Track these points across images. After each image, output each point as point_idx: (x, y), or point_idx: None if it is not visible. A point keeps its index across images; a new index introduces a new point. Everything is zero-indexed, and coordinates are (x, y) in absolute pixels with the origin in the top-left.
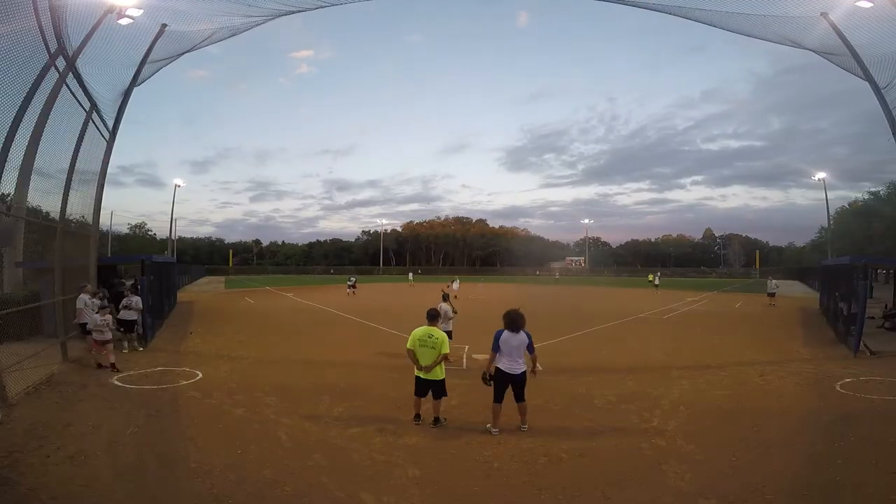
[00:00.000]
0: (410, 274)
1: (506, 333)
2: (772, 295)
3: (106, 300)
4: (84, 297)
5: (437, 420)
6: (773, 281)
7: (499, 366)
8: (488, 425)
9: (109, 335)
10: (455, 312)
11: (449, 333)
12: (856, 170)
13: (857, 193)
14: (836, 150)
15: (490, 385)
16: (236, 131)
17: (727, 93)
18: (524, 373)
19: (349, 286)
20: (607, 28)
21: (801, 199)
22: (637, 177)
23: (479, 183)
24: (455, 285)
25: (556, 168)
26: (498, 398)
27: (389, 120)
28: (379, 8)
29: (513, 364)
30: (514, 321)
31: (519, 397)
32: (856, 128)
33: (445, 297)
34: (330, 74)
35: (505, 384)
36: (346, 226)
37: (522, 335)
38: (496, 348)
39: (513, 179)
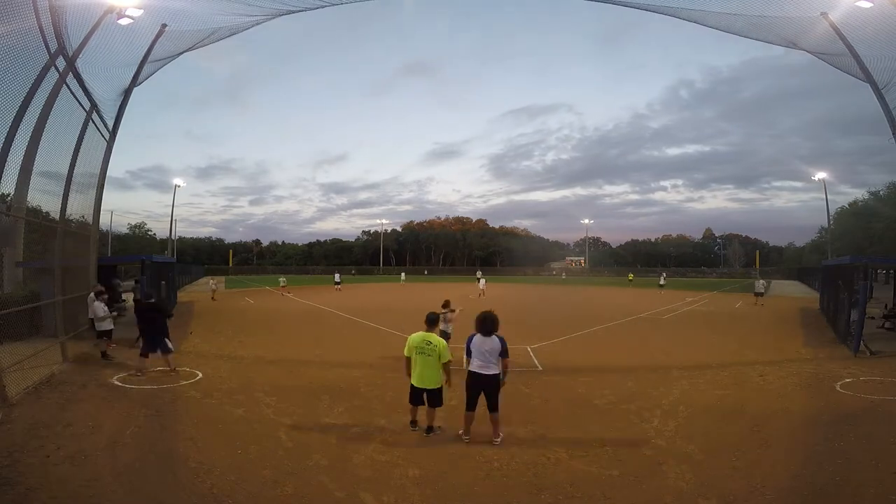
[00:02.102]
0: (403, 274)
1: (477, 337)
2: (759, 294)
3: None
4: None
5: (430, 429)
6: (761, 281)
7: (470, 368)
8: (460, 431)
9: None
10: (453, 310)
11: (447, 335)
12: (830, 172)
13: (834, 196)
14: (803, 153)
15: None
16: (239, 140)
17: (672, 104)
18: (496, 375)
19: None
20: (568, 45)
21: (798, 200)
22: (617, 181)
23: (469, 187)
24: (482, 283)
25: (539, 173)
26: (470, 406)
27: (385, 128)
28: (368, 35)
29: (484, 366)
30: (485, 324)
31: (492, 406)
32: (813, 132)
33: (445, 305)
34: (329, 88)
35: (477, 390)
36: (346, 226)
37: (495, 340)
38: (468, 353)
39: (500, 184)
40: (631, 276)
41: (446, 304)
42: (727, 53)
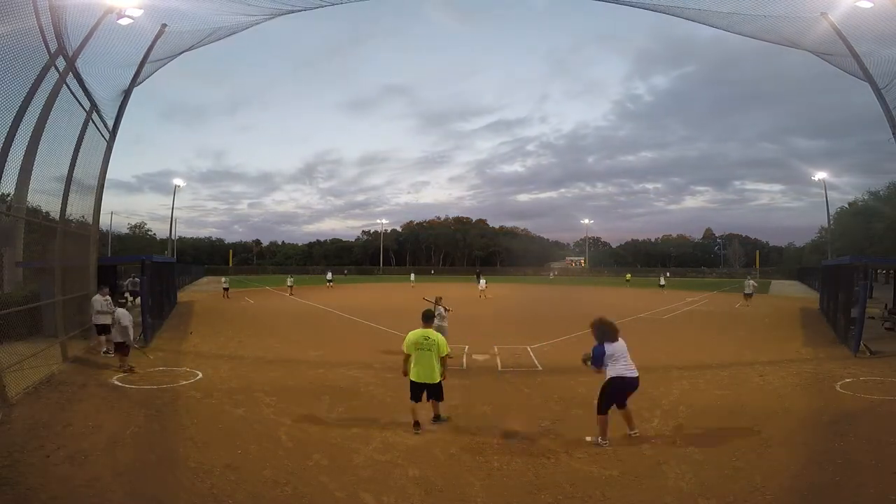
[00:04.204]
0: (412, 275)
1: (608, 345)
2: (748, 296)
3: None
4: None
5: (437, 417)
6: (751, 281)
7: (615, 374)
8: (599, 439)
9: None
10: (447, 310)
11: (443, 331)
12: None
13: (809, 198)
14: (769, 155)
15: (587, 365)
16: (241, 146)
17: (627, 116)
18: (637, 377)
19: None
20: (526, 66)
21: (785, 202)
22: (599, 184)
23: (462, 191)
24: (482, 284)
25: (525, 177)
26: (610, 405)
27: (376, 137)
28: (351, 56)
29: (629, 369)
30: (608, 332)
31: (621, 404)
32: (775, 137)
33: (437, 301)
34: (321, 100)
35: (625, 390)
36: (346, 226)
37: (622, 341)
38: (602, 363)
39: (490, 187)
40: (629, 276)
41: (438, 301)
42: (665, 67)
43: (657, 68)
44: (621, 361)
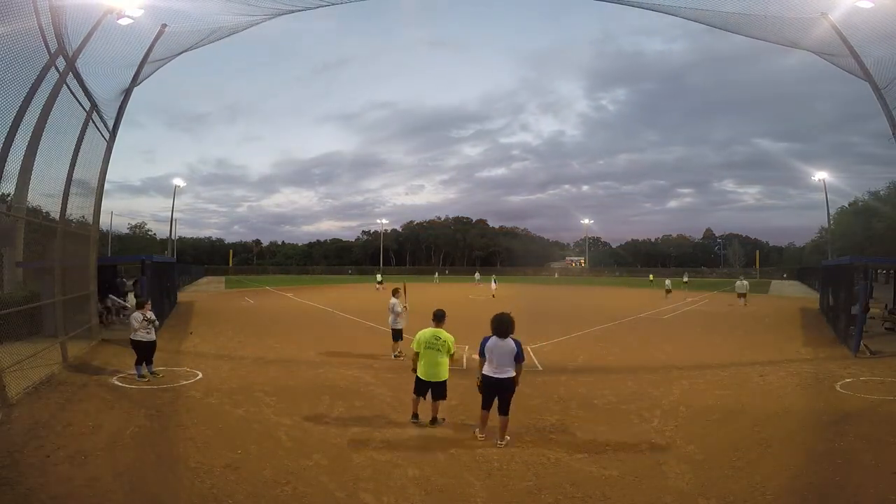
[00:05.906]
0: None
1: (493, 339)
2: (742, 296)
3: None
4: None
5: (434, 420)
6: (744, 282)
7: (485, 372)
8: (476, 430)
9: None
10: (405, 307)
11: (398, 332)
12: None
13: (791, 200)
14: (748, 157)
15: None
16: (243, 151)
17: (598, 124)
18: (511, 378)
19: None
20: (498, 81)
21: (788, 201)
22: (586, 187)
23: (456, 194)
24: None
25: (515, 180)
26: (486, 405)
27: (369, 144)
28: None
29: (499, 370)
30: (501, 326)
31: (503, 410)
32: (746, 140)
33: (396, 293)
34: (320, 108)
35: (493, 391)
36: (343, 226)
37: (510, 343)
38: (482, 354)
39: (483, 189)
40: (651, 276)
41: (395, 292)
42: (620, 83)
43: (613, 84)
44: (493, 362)
